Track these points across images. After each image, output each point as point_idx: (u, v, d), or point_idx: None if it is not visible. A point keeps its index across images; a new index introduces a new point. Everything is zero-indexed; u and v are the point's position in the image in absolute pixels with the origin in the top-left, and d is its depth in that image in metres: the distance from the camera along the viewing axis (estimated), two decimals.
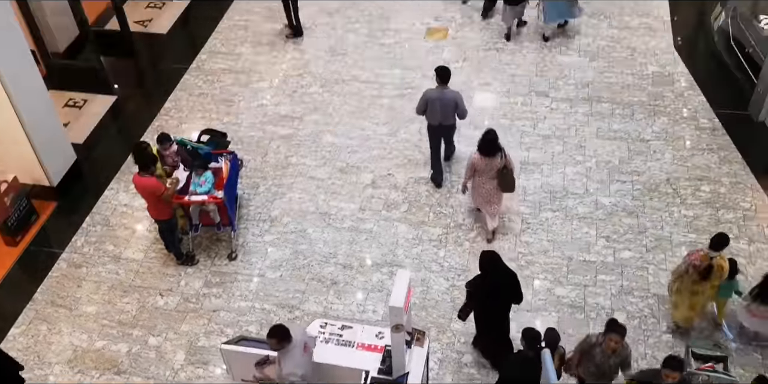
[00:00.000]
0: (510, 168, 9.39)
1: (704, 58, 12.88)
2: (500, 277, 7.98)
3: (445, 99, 9.93)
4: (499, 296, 8.05)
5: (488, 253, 8.07)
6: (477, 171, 9.40)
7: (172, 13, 14.28)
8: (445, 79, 9.95)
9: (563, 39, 13.21)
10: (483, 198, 9.67)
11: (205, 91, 12.53)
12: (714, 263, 8.00)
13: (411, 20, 13.84)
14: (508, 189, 9.59)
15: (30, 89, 9.97)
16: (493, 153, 9.20)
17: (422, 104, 10.12)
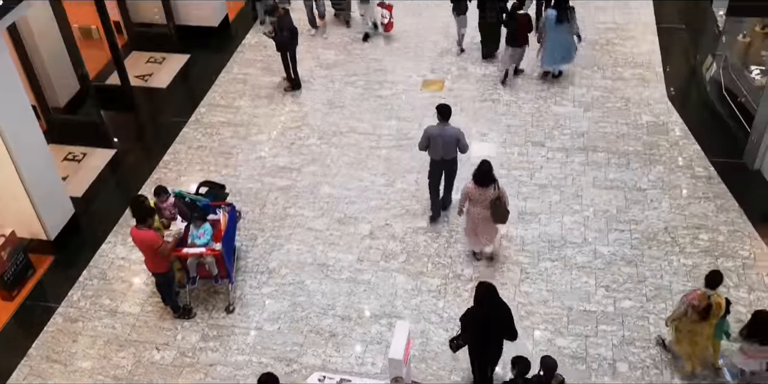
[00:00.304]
0: (503, 200, 9.59)
1: (697, 107, 13.03)
2: (495, 311, 8.00)
3: (446, 135, 10.19)
4: (491, 330, 8.09)
5: (485, 284, 8.08)
6: (471, 200, 9.65)
7: (172, 68, 14.49)
8: (445, 116, 10.22)
9: (558, 89, 13.38)
10: (479, 228, 9.86)
11: (204, 144, 12.63)
12: (712, 301, 8.03)
13: (407, 72, 14.05)
14: (500, 220, 9.77)
15: (30, 144, 10.04)
16: (487, 183, 9.46)
17: (424, 140, 10.38)
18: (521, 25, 13.05)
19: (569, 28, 12.89)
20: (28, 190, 10.03)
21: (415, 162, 11.96)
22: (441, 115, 10.23)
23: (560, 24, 12.76)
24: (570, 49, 13.24)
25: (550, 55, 13.21)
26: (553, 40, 13.00)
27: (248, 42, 15.24)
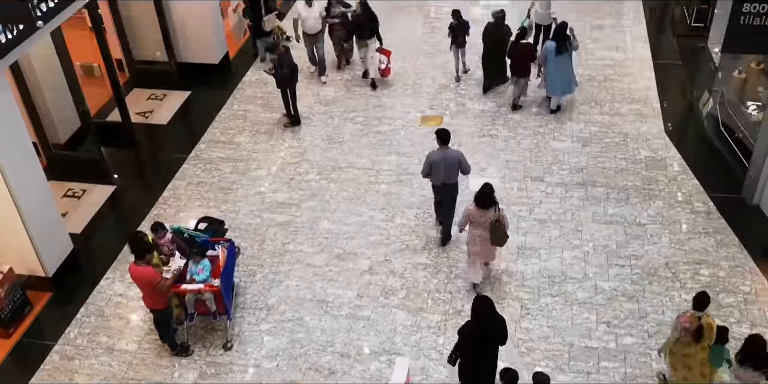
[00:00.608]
0: (502, 222, 9.78)
1: (695, 142, 13.09)
2: (493, 324, 8.19)
3: (448, 159, 10.43)
4: (489, 343, 8.27)
5: (483, 298, 8.26)
6: (472, 222, 9.86)
7: (173, 104, 14.60)
8: (445, 141, 10.50)
9: (556, 125, 13.47)
10: (479, 248, 9.99)
11: (204, 180, 12.66)
12: (703, 323, 8.12)
13: (406, 108, 14.15)
14: (498, 242, 9.95)
15: (30, 181, 10.06)
16: (488, 206, 9.71)
17: (427, 167, 10.59)
18: (523, 54, 13.30)
19: (569, 59, 13.15)
20: (27, 226, 10.02)
21: (415, 197, 11.98)
22: (441, 139, 10.49)
23: (560, 55, 13.00)
24: (570, 81, 13.50)
25: (552, 86, 13.47)
26: (553, 71, 13.23)
27: (248, 79, 15.38)
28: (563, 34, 13.04)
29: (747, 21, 9.68)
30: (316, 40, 14.64)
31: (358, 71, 15.21)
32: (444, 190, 10.74)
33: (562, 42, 12.98)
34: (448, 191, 10.76)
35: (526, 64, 13.32)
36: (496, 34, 13.81)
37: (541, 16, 14.54)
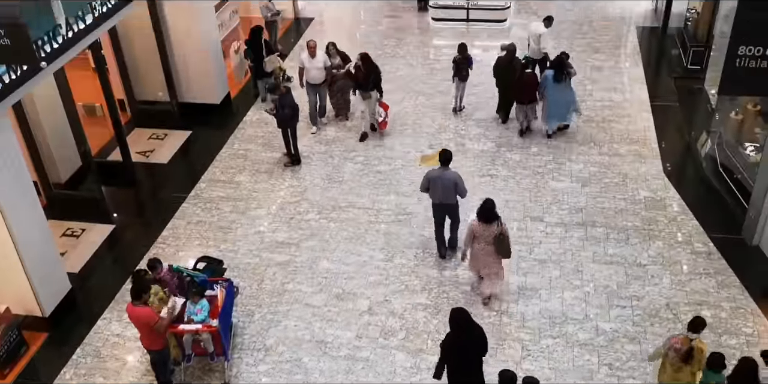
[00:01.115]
0: (506, 235, 10.18)
1: (694, 183, 13.12)
2: (472, 336, 8.47)
3: (445, 179, 10.86)
4: (470, 354, 8.53)
5: (458, 310, 8.53)
6: (476, 237, 10.22)
7: (174, 144, 14.68)
8: (445, 162, 10.94)
9: (555, 165, 13.52)
10: (481, 263, 10.38)
11: (203, 219, 12.65)
12: (694, 345, 8.24)
13: (406, 148, 14.22)
14: (505, 254, 10.33)
15: (29, 221, 10.06)
16: (491, 220, 10.09)
17: (425, 183, 11.11)
18: (528, 83, 13.85)
19: (569, 88, 13.77)
20: (25, 266, 9.99)
21: (414, 237, 11.96)
22: (442, 160, 10.98)
23: (558, 83, 13.55)
24: (568, 109, 13.97)
25: (550, 114, 13.96)
26: (552, 99, 13.76)
27: (249, 119, 15.49)
28: (561, 63, 13.56)
29: (743, 63, 9.77)
30: (320, 90, 14.63)
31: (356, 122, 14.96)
32: (442, 209, 11.17)
33: (560, 71, 13.50)
34: (448, 211, 11.20)
35: (531, 92, 13.91)
36: (509, 67, 14.24)
37: (533, 50, 15.29)
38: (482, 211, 10.12)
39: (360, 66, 13.95)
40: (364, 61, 13.92)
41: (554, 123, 14.16)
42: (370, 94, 14.12)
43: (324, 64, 14.35)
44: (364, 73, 13.95)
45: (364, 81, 14.01)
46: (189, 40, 14.52)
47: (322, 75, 14.42)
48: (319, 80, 14.48)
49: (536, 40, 15.22)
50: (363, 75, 13.97)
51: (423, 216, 12.34)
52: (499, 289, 10.66)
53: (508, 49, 14.37)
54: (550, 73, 13.63)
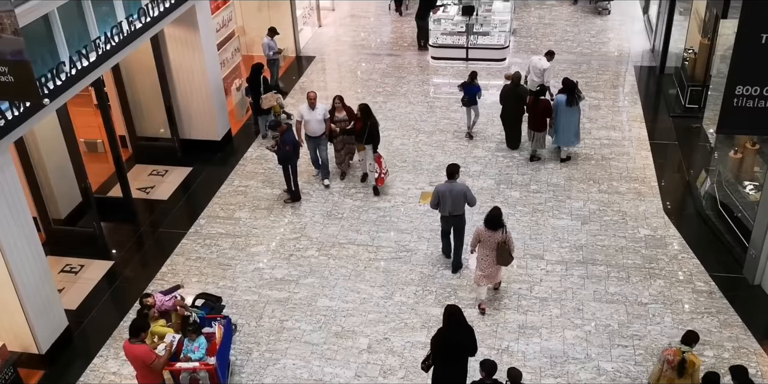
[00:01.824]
0: (508, 243, 10.71)
1: (694, 221, 13.11)
2: (458, 331, 8.90)
3: (455, 191, 11.37)
4: (457, 350, 8.91)
5: (450, 307, 9.01)
6: (481, 242, 10.77)
7: (174, 180, 14.71)
8: (451, 175, 11.45)
9: (555, 203, 13.53)
10: (483, 268, 10.85)
11: (202, 256, 12.61)
12: (686, 357, 8.56)
13: (406, 185, 14.24)
14: (504, 262, 10.82)
15: (28, 257, 10.02)
16: (496, 227, 10.64)
17: (435, 198, 11.53)
18: (541, 110, 14.31)
19: (578, 112, 14.39)
20: (23, 303, 9.92)
21: (414, 274, 11.91)
22: (449, 175, 11.49)
23: (569, 107, 14.14)
24: (578, 132, 14.59)
25: (562, 135, 14.51)
26: (563, 122, 14.33)
27: (250, 155, 15.55)
28: (572, 88, 14.18)
29: (740, 103, 9.86)
30: (319, 142, 14.06)
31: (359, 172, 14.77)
32: (451, 220, 11.69)
33: (571, 95, 14.12)
34: (456, 222, 11.70)
35: (543, 119, 14.36)
36: (515, 95, 14.75)
37: (533, 83, 15.67)
38: (489, 218, 10.69)
39: (358, 117, 13.66)
40: (362, 112, 13.58)
41: (565, 144, 14.69)
42: (364, 146, 13.81)
43: (324, 116, 13.85)
44: (361, 124, 13.62)
45: (360, 131, 13.67)
46: (191, 77, 14.65)
47: (321, 127, 13.88)
48: (319, 133, 13.91)
49: (538, 74, 15.63)
50: (360, 126, 13.63)
51: (423, 253, 12.31)
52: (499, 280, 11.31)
53: (513, 78, 14.88)
54: (562, 97, 14.16)
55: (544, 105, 14.31)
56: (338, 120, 14.00)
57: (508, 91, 14.89)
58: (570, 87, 14.20)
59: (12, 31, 8.13)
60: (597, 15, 21.18)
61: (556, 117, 14.32)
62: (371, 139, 13.68)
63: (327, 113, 13.91)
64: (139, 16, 12.16)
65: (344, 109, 14.06)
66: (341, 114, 14.04)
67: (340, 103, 14.06)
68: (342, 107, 14.06)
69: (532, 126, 14.58)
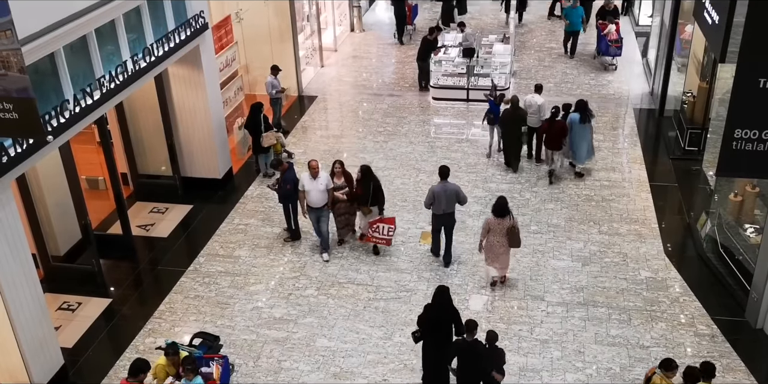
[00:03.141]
0: (517, 227, 11.90)
1: (695, 264, 13.06)
2: (442, 312, 9.93)
3: (448, 191, 12.41)
4: (439, 326, 9.90)
5: (441, 288, 10.07)
6: (491, 231, 11.88)
7: (175, 218, 14.70)
8: (445, 176, 12.53)
9: (555, 244, 13.51)
10: (494, 254, 12.04)
11: (201, 294, 12.54)
12: (653, 379, 8.99)
13: (406, 224, 14.23)
14: (516, 244, 12.02)
15: (26, 294, 9.96)
16: (504, 215, 11.80)
17: (430, 197, 12.51)
18: (557, 130, 15.11)
19: (590, 129, 15.30)
20: (18, 341, 9.84)
21: (414, 314, 11.80)
22: (441, 175, 12.54)
23: (583, 124, 15.06)
24: (591, 147, 15.48)
25: (578, 153, 15.39)
26: (578, 139, 15.23)
27: (251, 193, 15.56)
28: (584, 107, 15.16)
29: (739, 146, 9.90)
30: (321, 213, 13.15)
31: None
32: (444, 218, 12.68)
33: (584, 113, 15.09)
34: (448, 220, 12.72)
35: (559, 139, 15.15)
36: (514, 117, 15.68)
37: (533, 120, 16.05)
38: (496, 207, 11.84)
39: (360, 179, 13.07)
40: (364, 174, 13.02)
41: (580, 161, 15.53)
42: (370, 208, 13.13)
43: (326, 185, 12.97)
44: (363, 186, 13.02)
45: (363, 194, 13.04)
46: (194, 115, 14.76)
47: (324, 198, 12.99)
48: (321, 203, 13.04)
49: (536, 111, 16.02)
50: (362, 188, 13.03)
51: (422, 293, 12.25)
52: (507, 274, 12.41)
53: (512, 101, 15.79)
54: (576, 115, 15.09)
55: (560, 125, 15.12)
56: (337, 187, 13.17)
57: (508, 114, 15.75)
58: (583, 106, 15.18)
59: (18, 69, 8.22)
60: (604, 71, 20.83)
61: (571, 135, 15.17)
62: (376, 200, 13.11)
63: (330, 183, 13.04)
64: (144, 56, 12.30)
65: (343, 175, 13.28)
66: (340, 180, 13.23)
67: (341, 168, 13.26)
68: (341, 173, 13.25)
69: (549, 146, 15.38)
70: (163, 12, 13.07)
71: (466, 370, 9.62)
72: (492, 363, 9.53)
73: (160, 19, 13.00)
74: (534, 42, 23.51)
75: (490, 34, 22.28)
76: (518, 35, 23.43)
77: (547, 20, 25.47)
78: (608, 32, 20.70)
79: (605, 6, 21.62)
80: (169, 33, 13.00)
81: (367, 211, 13.15)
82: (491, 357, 9.54)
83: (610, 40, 20.71)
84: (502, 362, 9.68)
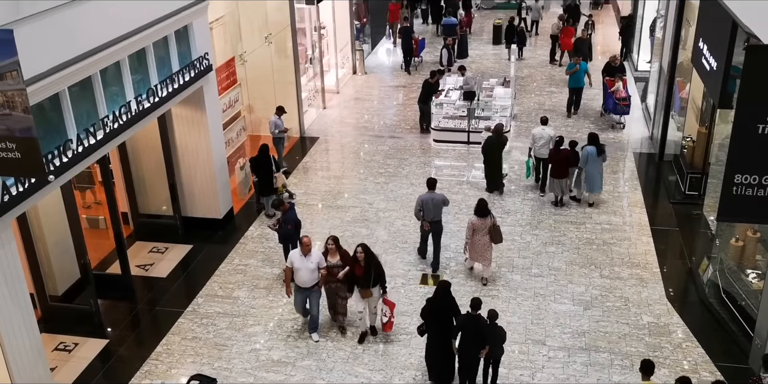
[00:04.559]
0: (497, 226, 13.31)
1: (698, 309, 12.95)
2: (443, 303, 10.90)
3: (435, 199, 13.68)
4: (442, 320, 10.85)
5: (443, 282, 11.09)
6: (475, 230, 13.16)
7: (174, 258, 14.64)
8: (432, 186, 13.80)
9: (557, 287, 13.43)
10: (478, 252, 13.35)
11: (199, 335, 12.41)
12: None
13: (407, 267, 14.17)
14: (498, 240, 13.42)
15: (22, 335, 9.86)
16: (485, 214, 13.20)
17: (418, 205, 13.69)
18: (562, 159, 15.92)
19: (603, 161, 15.92)
20: (13, 382, 9.69)
21: (414, 358, 11.69)
22: (429, 186, 13.82)
23: (598, 157, 15.70)
24: (602, 180, 16.09)
25: (591, 183, 15.96)
26: (591, 170, 15.86)
27: (251, 234, 15.53)
28: (597, 140, 15.87)
29: (739, 191, 9.89)
30: (310, 294, 12.03)
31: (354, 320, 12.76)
32: (432, 225, 13.72)
33: (598, 145, 15.73)
34: (435, 227, 13.77)
35: (565, 167, 15.91)
36: (497, 144, 16.67)
37: (543, 151, 16.70)
38: (478, 208, 13.21)
39: (358, 259, 11.73)
40: (365, 251, 11.79)
41: (594, 191, 16.09)
42: (371, 290, 11.86)
43: (318, 264, 11.81)
44: (363, 267, 11.71)
45: (364, 275, 11.76)
46: (196, 156, 14.82)
47: (313, 277, 11.83)
48: (311, 283, 11.86)
49: (547, 142, 16.60)
50: (362, 269, 11.73)
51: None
52: (490, 272, 13.62)
53: (495, 130, 16.84)
54: (592, 148, 15.68)
55: (565, 154, 15.89)
56: (331, 266, 11.90)
57: (492, 141, 16.69)
58: (596, 139, 15.86)
59: (22, 108, 8.28)
60: (611, 129, 20.22)
61: (586, 166, 15.78)
62: (378, 280, 11.85)
63: (322, 261, 11.88)
64: (148, 96, 12.41)
65: (338, 253, 12.06)
66: (334, 258, 11.97)
67: (334, 244, 12.02)
68: (335, 250, 12.02)
69: (554, 174, 16.05)
70: (168, 53, 13.23)
71: (467, 343, 10.55)
72: (492, 337, 10.56)
73: (165, 61, 13.15)
74: (534, 86, 23.76)
75: (490, 78, 22.53)
76: (518, 79, 23.69)
77: (550, 64, 25.80)
78: (616, 89, 19.92)
79: (611, 62, 21.06)
80: (174, 74, 13.14)
81: (366, 295, 11.83)
82: (492, 332, 10.60)
83: (617, 97, 19.90)
84: (501, 340, 10.75)
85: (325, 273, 11.95)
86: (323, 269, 11.92)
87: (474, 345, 10.52)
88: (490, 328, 10.61)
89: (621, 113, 20.26)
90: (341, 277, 11.93)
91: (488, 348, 10.53)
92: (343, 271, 11.88)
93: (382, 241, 15.08)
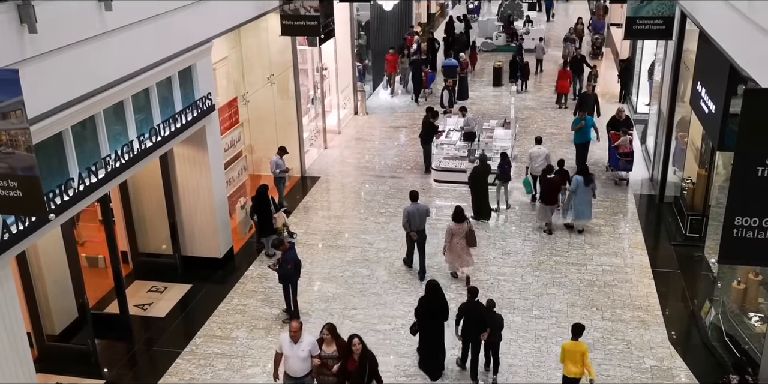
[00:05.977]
0: (472, 230, 14.57)
1: (701, 352, 12.82)
2: (437, 302, 11.93)
3: (420, 210, 14.86)
4: (435, 315, 11.88)
5: (431, 282, 12.12)
6: (453, 235, 14.38)
7: (173, 297, 14.55)
8: (415, 198, 14.97)
9: (558, 329, 13.31)
10: (456, 254, 14.60)
11: (196, 376, 12.27)
12: None
13: (407, 307, 14.05)
14: (473, 244, 14.60)
15: (18, 376, 9.74)
16: (462, 220, 14.44)
17: (405, 216, 14.77)
18: (551, 187, 16.77)
19: (592, 190, 16.60)
20: None
21: None
22: (412, 198, 14.96)
23: (586, 186, 16.42)
24: (591, 207, 16.72)
25: (579, 210, 16.62)
26: (581, 199, 16.54)
27: (250, 274, 15.46)
28: (586, 170, 16.72)
29: (740, 234, 9.83)
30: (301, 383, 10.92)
31: None
32: (417, 234, 14.79)
33: (587, 175, 16.53)
34: (420, 235, 14.87)
35: (555, 194, 16.80)
36: (483, 171, 17.49)
37: (536, 170, 17.91)
38: (455, 215, 14.42)
39: (353, 352, 10.66)
40: (363, 346, 10.74)
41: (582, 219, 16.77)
42: None
43: (310, 352, 10.75)
44: (357, 361, 10.62)
45: (358, 371, 10.62)
46: (197, 195, 14.85)
47: (306, 367, 10.76)
48: (301, 373, 10.78)
49: (543, 160, 17.75)
50: (356, 363, 10.62)
51: (422, 378, 11.98)
52: (472, 269, 14.84)
53: (481, 159, 17.68)
54: (580, 178, 16.45)
55: (555, 181, 16.79)
56: (325, 357, 10.84)
57: (478, 170, 17.49)
58: (585, 169, 16.75)
59: (25, 147, 8.30)
60: (614, 185, 19.54)
61: (575, 195, 16.50)
62: (372, 375, 10.74)
63: (315, 348, 10.80)
64: (151, 136, 12.48)
65: (334, 343, 10.96)
66: (330, 349, 10.90)
67: (330, 334, 10.90)
68: (332, 340, 10.94)
69: (544, 200, 16.80)
70: (171, 93, 13.35)
71: (469, 327, 11.69)
72: (491, 323, 11.70)
73: (168, 100, 13.27)
74: (534, 127, 23.91)
75: (491, 119, 22.70)
76: (519, 120, 23.85)
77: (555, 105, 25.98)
78: (622, 144, 19.33)
79: (616, 116, 20.46)
80: (177, 114, 13.24)
81: None
82: (491, 318, 11.77)
83: (620, 152, 19.34)
84: (500, 326, 11.88)
85: (318, 363, 10.75)
86: (316, 358, 10.75)
87: (475, 328, 11.66)
88: (489, 314, 11.79)
89: (623, 169, 19.69)
90: (335, 372, 10.75)
91: (489, 331, 11.59)
92: (337, 364, 10.72)
93: (382, 281, 15.01)
